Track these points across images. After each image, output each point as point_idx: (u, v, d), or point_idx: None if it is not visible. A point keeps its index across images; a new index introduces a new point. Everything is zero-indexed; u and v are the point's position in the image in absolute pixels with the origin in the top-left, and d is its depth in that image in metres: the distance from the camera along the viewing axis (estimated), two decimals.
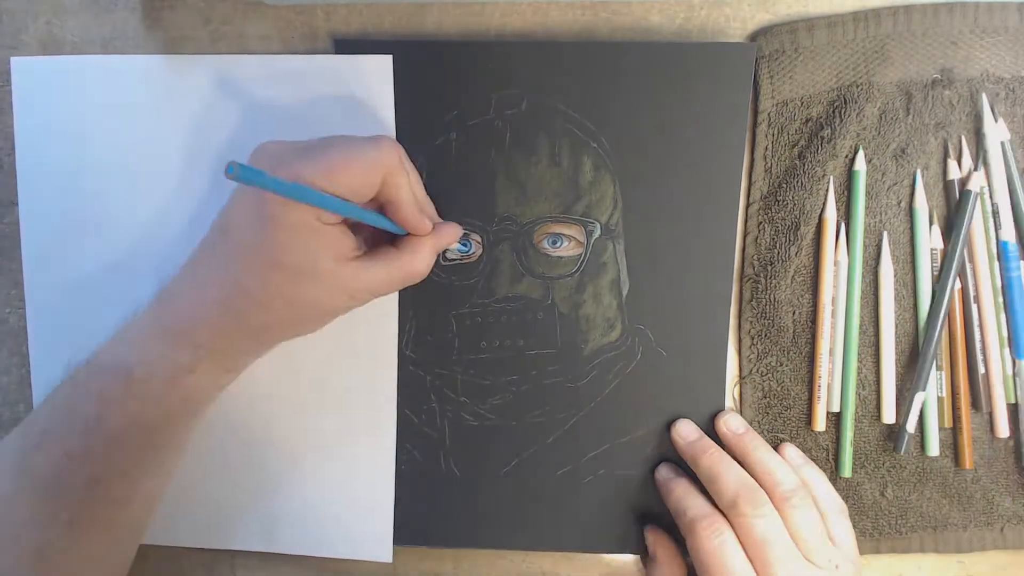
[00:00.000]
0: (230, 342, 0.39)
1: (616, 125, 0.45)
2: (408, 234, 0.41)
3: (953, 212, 0.45)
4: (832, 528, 0.42)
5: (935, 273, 0.45)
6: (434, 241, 0.42)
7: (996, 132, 0.44)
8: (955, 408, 0.46)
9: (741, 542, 0.41)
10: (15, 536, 0.38)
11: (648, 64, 0.44)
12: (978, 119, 0.45)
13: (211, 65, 0.46)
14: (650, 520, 0.47)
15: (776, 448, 0.46)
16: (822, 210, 0.46)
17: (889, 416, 0.46)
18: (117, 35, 0.47)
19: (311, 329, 0.42)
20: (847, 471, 0.46)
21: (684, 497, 0.43)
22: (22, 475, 0.39)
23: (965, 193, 0.44)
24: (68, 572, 0.40)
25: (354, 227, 0.40)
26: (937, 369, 0.45)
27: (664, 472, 0.46)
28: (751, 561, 0.40)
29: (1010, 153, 0.45)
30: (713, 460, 0.43)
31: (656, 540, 0.46)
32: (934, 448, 0.46)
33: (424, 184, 0.45)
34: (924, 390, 0.45)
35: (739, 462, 0.44)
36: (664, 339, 0.46)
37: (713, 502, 0.43)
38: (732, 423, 0.46)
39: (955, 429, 0.46)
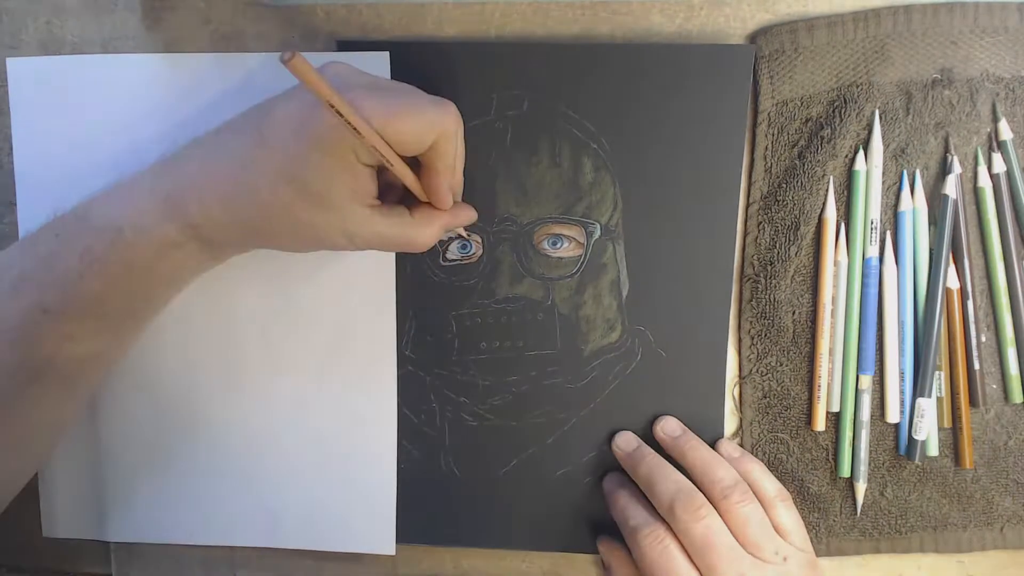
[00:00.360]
0: (221, 232, 0.39)
1: (616, 126, 0.45)
2: (425, 203, 0.41)
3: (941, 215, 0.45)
4: (777, 518, 0.42)
5: (931, 275, 0.45)
6: (448, 219, 0.42)
7: (1007, 133, 0.45)
8: (955, 408, 0.46)
9: (683, 547, 0.40)
10: None
11: (648, 66, 0.44)
12: (980, 119, 0.45)
13: (207, 63, 0.46)
14: None
15: (712, 446, 0.45)
16: (822, 210, 0.46)
17: (893, 416, 0.46)
18: (117, 35, 0.47)
19: (298, 250, 0.41)
20: (846, 471, 0.46)
21: (626, 507, 0.43)
22: None
23: (943, 198, 0.45)
24: (17, 425, 0.40)
25: (379, 177, 0.40)
26: (936, 370, 0.46)
27: (610, 483, 0.46)
28: (696, 567, 0.40)
29: (1012, 153, 0.45)
30: (650, 466, 0.43)
31: (609, 550, 0.46)
32: (933, 448, 0.46)
33: None
34: (928, 396, 0.45)
35: (678, 466, 0.43)
36: (664, 340, 0.46)
37: (655, 509, 0.42)
38: (668, 427, 0.46)
39: (955, 429, 0.46)
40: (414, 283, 0.46)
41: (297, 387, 0.47)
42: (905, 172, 0.45)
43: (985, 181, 0.45)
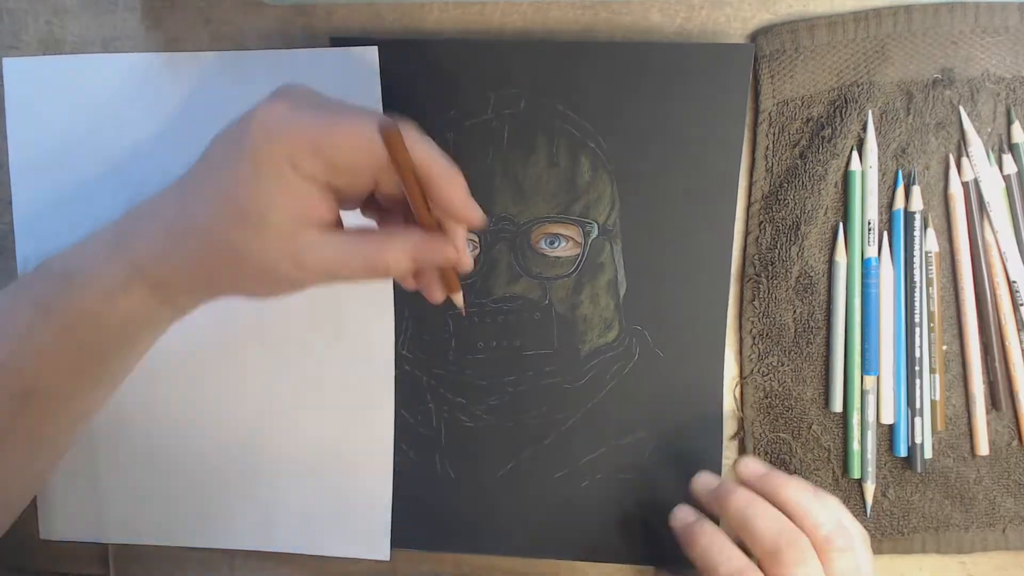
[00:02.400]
0: (168, 272, 0.36)
1: (614, 125, 0.45)
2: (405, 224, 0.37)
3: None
4: (862, 568, 0.38)
5: (928, 276, 0.45)
6: (415, 248, 0.36)
7: (1019, 134, 0.45)
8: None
9: None
10: None
11: (646, 65, 0.44)
12: (980, 119, 0.45)
13: (198, 62, 0.46)
14: (651, 527, 0.46)
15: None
16: (823, 210, 0.45)
17: (886, 417, 0.46)
18: (117, 35, 0.47)
19: (254, 292, 0.37)
20: (855, 472, 0.46)
21: (711, 547, 0.39)
22: None
23: (909, 215, 0.45)
24: None
25: (367, 203, 0.37)
26: (931, 372, 0.45)
27: (682, 516, 0.42)
28: None
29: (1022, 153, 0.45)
30: (745, 501, 0.39)
31: None
32: (928, 451, 0.46)
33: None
34: (922, 416, 0.45)
35: None
36: (661, 340, 0.46)
37: (745, 550, 0.38)
38: (751, 465, 0.42)
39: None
40: None
41: (294, 390, 0.47)
42: (900, 172, 0.45)
43: (999, 184, 0.45)
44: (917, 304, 0.45)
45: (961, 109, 0.45)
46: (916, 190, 0.45)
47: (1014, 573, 0.48)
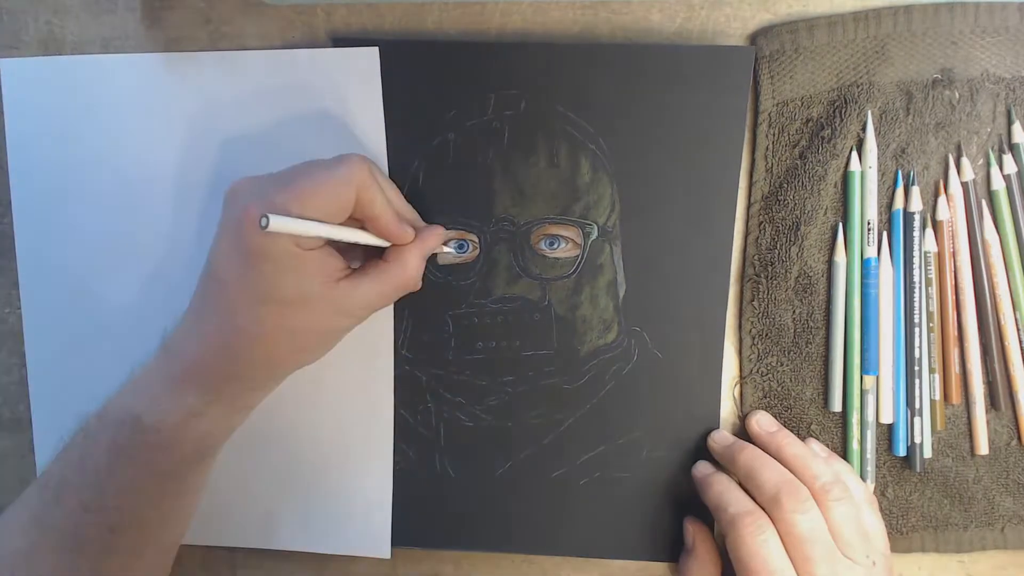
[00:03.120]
0: (237, 382, 0.40)
1: (614, 127, 0.45)
2: (393, 245, 0.42)
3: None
4: (864, 521, 0.42)
5: (927, 276, 0.45)
6: (419, 248, 0.42)
7: (1020, 134, 0.45)
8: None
9: (782, 539, 0.40)
10: None
11: (647, 67, 0.44)
12: (980, 120, 0.45)
13: (198, 62, 0.46)
14: (649, 523, 0.47)
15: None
16: (823, 210, 0.46)
17: (885, 416, 0.46)
18: (117, 35, 0.47)
19: (318, 355, 0.42)
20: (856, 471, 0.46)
21: (725, 492, 0.43)
22: (41, 530, 0.39)
23: (908, 215, 0.45)
24: None
25: (344, 247, 0.41)
26: (930, 372, 0.46)
27: (702, 468, 0.46)
28: (792, 559, 0.40)
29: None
30: (751, 456, 0.43)
31: (696, 532, 0.46)
32: (928, 450, 0.46)
33: (420, 185, 0.45)
34: (921, 416, 0.46)
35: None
36: (660, 341, 0.46)
37: (753, 499, 0.42)
38: (763, 421, 0.46)
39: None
40: None
41: (294, 388, 0.47)
42: (900, 172, 0.45)
43: (999, 184, 0.45)
44: (917, 304, 0.45)
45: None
46: (915, 190, 0.45)
47: (1013, 572, 0.48)
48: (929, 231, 0.45)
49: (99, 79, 0.46)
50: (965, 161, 0.45)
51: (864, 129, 0.45)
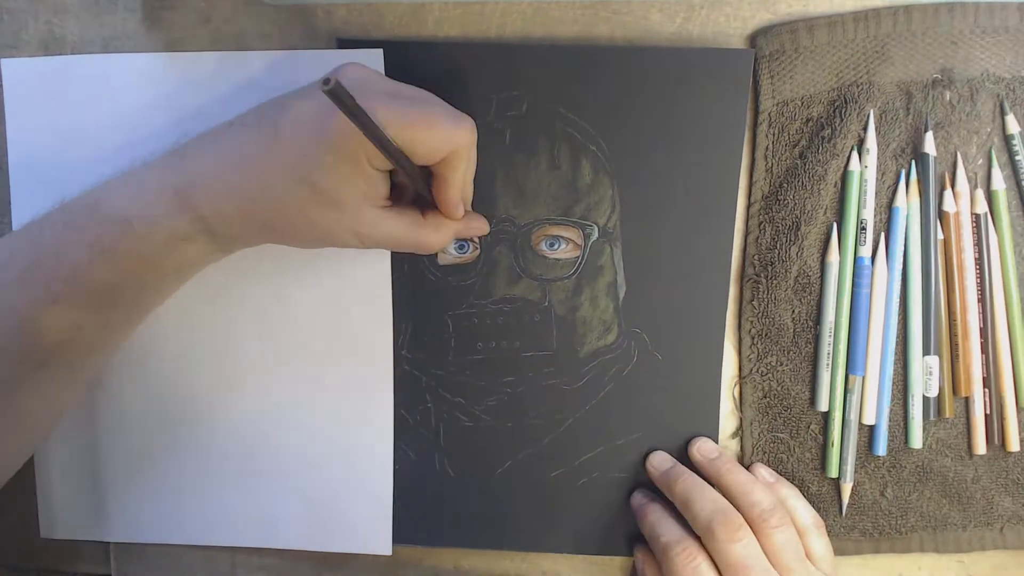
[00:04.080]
0: (232, 227, 0.39)
1: (615, 129, 0.45)
2: (436, 209, 0.41)
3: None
4: (810, 545, 0.42)
5: (936, 261, 0.45)
6: (459, 227, 0.42)
7: (1014, 127, 0.45)
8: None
9: (717, 567, 0.40)
10: None
11: (648, 68, 0.44)
12: (980, 119, 0.45)
13: (199, 62, 0.46)
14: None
15: (747, 468, 0.46)
16: (823, 210, 0.46)
17: (869, 418, 0.46)
18: (117, 35, 0.47)
19: (307, 246, 0.41)
20: (833, 471, 0.46)
21: (657, 522, 0.43)
22: None
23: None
24: (20, 410, 0.40)
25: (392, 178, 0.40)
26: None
27: (638, 498, 0.46)
28: None
29: (1020, 146, 0.45)
30: (687, 485, 0.43)
31: (644, 558, 0.45)
32: (917, 440, 0.46)
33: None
34: (915, 415, 0.46)
35: (715, 486, 0.43)
36: (660, 342, 0.46)
37: (688, 527, 0.42)
38: (704, 448, 0.46)
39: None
40: (411, 283, 0.46)
41: (294, 387, 0.47)
42: (902, 172, 0.45)
43: (999, 184, 0.45)
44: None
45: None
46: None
47: (1012, 572, 0.48)
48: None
49: (99, 79, 0.46)
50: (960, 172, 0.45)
51: (864, 129, 0.45)
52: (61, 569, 0.52)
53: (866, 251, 0.45)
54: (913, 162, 0.45)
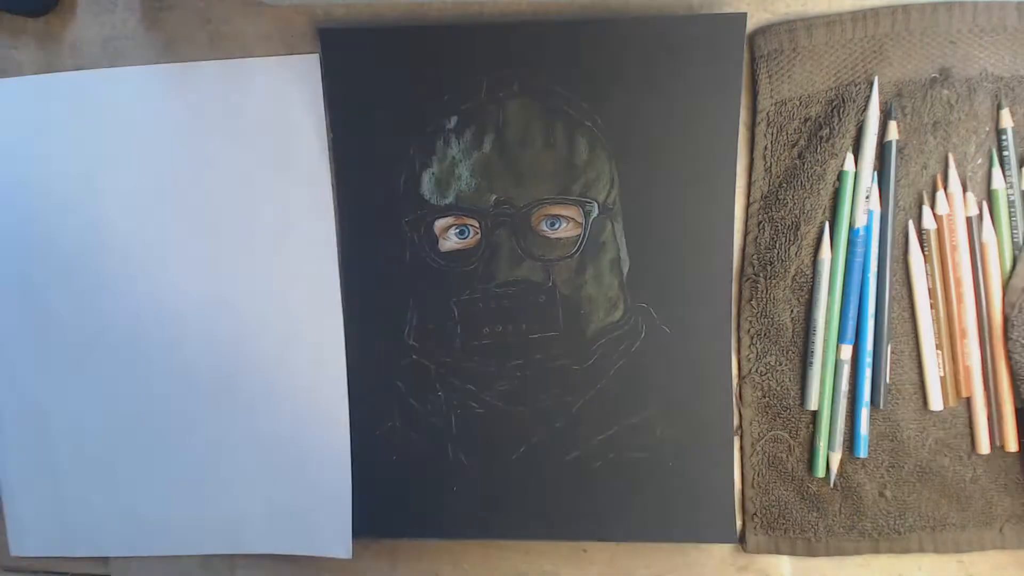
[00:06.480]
0: None
1: (609, 103, 0.45)
2: None
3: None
4: None
5: (925, 253, 0.45)
6: None
7: (1008, 121, 0.45)
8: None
9: None
10: None
11: (638, 39, 0.44)
12: (978, 119, 0.45)
13: (148, 76, 0.47)
14: (666, 505, 0.47)
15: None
16: (822, 210, 0.46)
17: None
18: (117, 35, 0.47)
19: None
20: (820, 471, 0.46)
21: None
22: None
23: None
24: None
25: None
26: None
27: None
28: None
29: (1012, 142, 0.45)
30: None
31: None
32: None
33: (417, 172, 0.45)
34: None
35: None
36: (667, 316, 0.46)
37: None
38: None
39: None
40: (413, 272, 0.46)
41: (246, 392, 0.47)
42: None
43: (999, 183, 0.45)
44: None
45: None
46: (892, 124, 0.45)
47: (1012, 572, 0.48)
48: (926, 206, 0.45)
49: (74, 96, 0.47)
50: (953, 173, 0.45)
51: (863, 128, 0.45)
52: (60, 569, 0.52)
53: (862, 220, 0.45)
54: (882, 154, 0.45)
